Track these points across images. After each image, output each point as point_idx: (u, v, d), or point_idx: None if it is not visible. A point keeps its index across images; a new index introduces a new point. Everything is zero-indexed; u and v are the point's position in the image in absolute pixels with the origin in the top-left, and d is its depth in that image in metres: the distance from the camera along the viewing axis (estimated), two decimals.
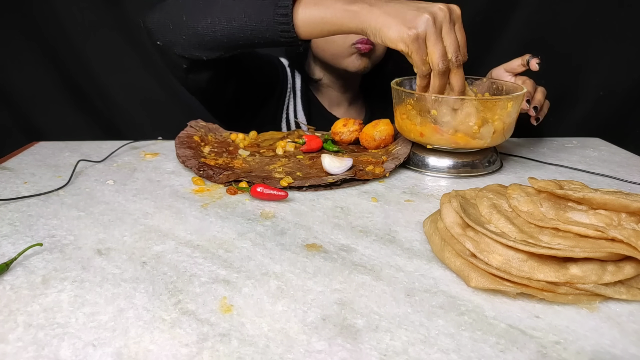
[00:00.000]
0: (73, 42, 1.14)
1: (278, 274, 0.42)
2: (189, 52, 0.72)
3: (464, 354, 0.32)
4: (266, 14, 0.65)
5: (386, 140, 0.74)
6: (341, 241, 0.48)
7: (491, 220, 0.43)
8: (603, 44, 1.15)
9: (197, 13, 0.69)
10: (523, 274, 0.38)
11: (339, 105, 1.01)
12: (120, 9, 1.12)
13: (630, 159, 0.75)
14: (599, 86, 1.18)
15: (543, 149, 0.79)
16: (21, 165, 0.68)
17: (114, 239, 0.47)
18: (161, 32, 0.73)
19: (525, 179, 0.60)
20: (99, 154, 0.73)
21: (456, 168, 0.66)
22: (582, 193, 0.42)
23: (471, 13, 1.13)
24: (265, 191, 0.56)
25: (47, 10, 1.11)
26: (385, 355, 0.32)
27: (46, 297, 0.38)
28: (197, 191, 0.60)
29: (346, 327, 0.35)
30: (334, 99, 1.00)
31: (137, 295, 0.38)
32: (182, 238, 0.48)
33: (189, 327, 0.35)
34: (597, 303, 0.38)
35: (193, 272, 0.42)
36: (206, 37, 0.69)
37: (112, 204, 0.56)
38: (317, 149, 0.74)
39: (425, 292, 0.39)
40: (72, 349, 0.32)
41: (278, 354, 0.32)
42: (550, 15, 1.12)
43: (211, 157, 0.70)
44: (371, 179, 0.64)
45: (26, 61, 1.14)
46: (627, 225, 0.39)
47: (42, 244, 0.46)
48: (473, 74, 0.77)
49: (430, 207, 0.56)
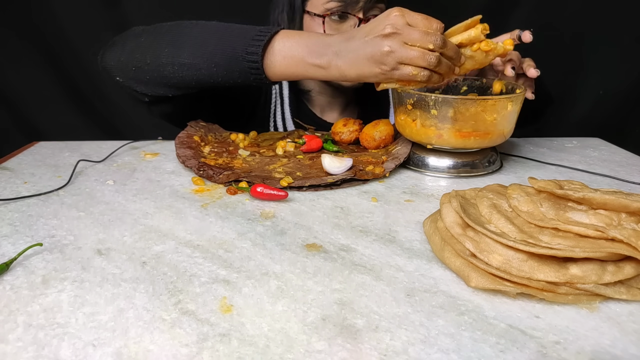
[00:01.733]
0: (72, 42, 1.14)
1: (278, 274, 0.42)
2: (153, 91, 0.69)
3: (464, 354, 0.32)
4: (236, 66, 0.63)
5: (386, 140, 0.74)
6: (341, 241, 0.48)
7: (491, 220, 0.43)
8: (603, 44, 1.15)
9: (163, 56, 0.66)
10: (523, 274, 0.38)
11: (331, 111, 0.97)
12: (120, 9, 1.12)
13: (630, 159, 0.75)
14: (599, 86, 1.18)
15: (543, 149, 0.79)
16: (21, 165, 0.68)
17: (114, 239, 0.47)
18: (122, 72, 0.69)
19: (525, 179, 0.60)
20: (99, 154, 0.73)
21: (456, 168, 0.66)
22: (582, 193, 0.42)
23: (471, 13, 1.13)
24: (265, 191, 0.56)
25: (46, 11, 1.11)
26: (385, 355, 0.32)
27: (46, 297, 0.38)
28: (197, 191, 0.60)
29: (346, 327, 0.35)
30: (326, 105, 0.97)
31: (137, 295, 0.38)
32: (182, 238, 0.48)
33: (189, 327, 0.35)
34: (597, 303, 0.38)
35: (193, 272, 0.42)
36: (173, 80, 0.67)
37: (112, 204, 0.56)
38: (317, 149, 0.74)
39: (425, 292, 0.39)
40: (72, 349, 0.32)
41: (278, 354, 0.32)
42: (550, 14, 1.12)
43: (211, 157, 0.70)
44: (371, 179, 0.64)
45: (25, 62, 1.15)
46: (627, 225, 0.39)
47: (42, 244, 0.46)
48: (472, 74, 0.77)
49: (430, 207, 0.56)
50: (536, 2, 1.11)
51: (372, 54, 0.57)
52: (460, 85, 0.75)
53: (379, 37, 0.57)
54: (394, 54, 0.56)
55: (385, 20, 0.57)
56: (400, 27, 0.56)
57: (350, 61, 0.59)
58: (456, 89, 0.76)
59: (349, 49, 0.59)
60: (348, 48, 0.59)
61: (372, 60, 0.58)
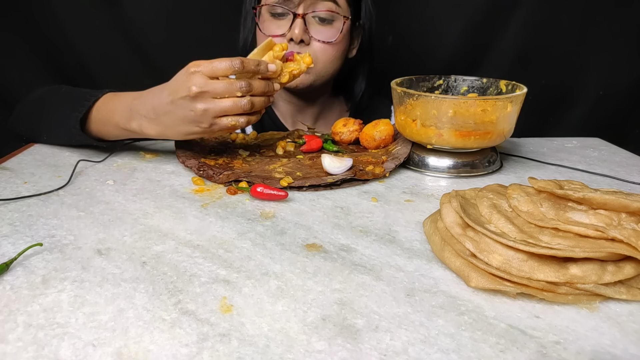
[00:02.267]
0: (72, 42, 1.14)
1: (278, 274, 0.42)
2: None
3: (464, 354, 0.32)
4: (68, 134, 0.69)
5: (386, 140, 0.74)
6: (341, 241, 0.48)
7: (491, 220, 0.43)
8: (603, 44, 1.15)
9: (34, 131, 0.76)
10: (523, 274, 0.38)
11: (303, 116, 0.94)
12: (120, 9, 1.12)
13: (630, 159, 0.75)
14: (599, 86, 1.19)
15: (543, 149, 0.79)
16: (21, 165, 0.68)
17: (114, 239, 0.47)
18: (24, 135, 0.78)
19: (525, 179, 0.60)
20: (99, 154, 0.73)
21: (456, 168, 0.66)
22: (582, 193, 0.42)
23: (471, 13, 1.13)
24: (265, 191, 0.56)
25: (46, 11, 1.11)
26: (385, 355, 0.32)
27: (46, 297, 0.38)
28: (197, 191, 0.60)
29: (346, 327, 0.35)
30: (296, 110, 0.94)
31: (137, 295, 0.38)
32: (182, 238, 0.48)
33: (189, 327, 0.35)
34: (597, 303, 0.38)
35: (193, 272, 0.42)
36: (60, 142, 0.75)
37: (112, 204, 0.56)
38: (317, 149, 0.74)
39: (425, 292, 0.39)
40: (72, 349, 0.32)
41: (278, 354, 0.32)
42: (550, 14, 1.12)
43: (211, 157, 0.70)
44: (371, 179, 0.64)
45: (25, 61, 1.14)
46: (627, 225, 0.39)
47: (42, 244, 0.46)
48: (472, 74, 0.77)
49: (430, 207, 0.56)
50: (536, 2, 1.11)
51: (185, 116, 0.58)
52: (460, 85, 0.76)
53: (187, 99, 0.57)
54: (208, 112, 0.57)
55: (187, 81, 0.57)
56: (205, 84, 0.56)
57: (167, 124, 0.60)
58: (456, 89, 0.76)
59: (160, 111, 0.60)
60: (158, 111, 0.60)
61: (187, 121, 0.59)
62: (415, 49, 1.18)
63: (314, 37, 0.80)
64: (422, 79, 0.76)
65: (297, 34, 0.78)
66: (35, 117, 0.75)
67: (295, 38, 0.78)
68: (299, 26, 0.78)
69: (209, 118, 0.58)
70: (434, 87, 0.76)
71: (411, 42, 1.17)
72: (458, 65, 1.17)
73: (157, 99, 0.60)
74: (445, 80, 0.76)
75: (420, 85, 0.76)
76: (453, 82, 0.76)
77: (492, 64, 1.18)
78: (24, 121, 0.77)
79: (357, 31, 0.89)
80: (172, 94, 0.58)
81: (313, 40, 0.80)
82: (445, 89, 0.76)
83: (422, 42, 1.17)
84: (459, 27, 1.14)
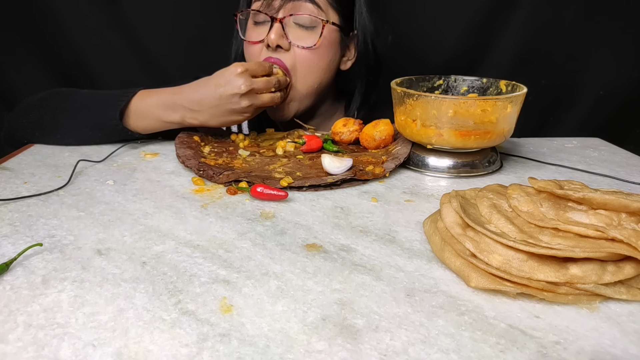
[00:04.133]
0: (72, 42, 1.14)
1: (278, 274, 0.42)
2: None
3: (464, 354, 0.32)
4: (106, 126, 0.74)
5: (386, 140, 0.74)
6: (341, 241, 0.48)
7: (491, 220, 0.43)
8: (603, 44, 1.15)
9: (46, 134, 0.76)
10: (523, 274, 0.38)
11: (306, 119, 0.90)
12: (119, 8, 1.12)
13: (630, 159, 0.75)
14: (599, 86, 1.18)
15: (543, 149, 0.79)
16: (21, 165, 0.68)
17: (114, 239, 0.47)
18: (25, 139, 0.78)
19: (525, 179, 0.60)
20: (99, 154, 0.73)
21: (456, 168, 0.66)
22: (582, 193, 0.42)
23: (471, 12, 1.13)
24: (265, 191, 0.56)
25: (46, 10, 1.11)
26: (385, 355, 0.32)
27: (46, 297, 0.38)
28: (197, 191, 0.60)
29: (346, 327, 0.35)
30: None
31: (137, 295, 0.38)
32: (182, 238, 0.48)
33: (189, 327, 0.35)
34: (597, 303, 0.38)
35: (193, 272, 0.42)
36: (64, 142, 0.77)
37: (112, 204, 0.56)
38: (317, 149, 0.74)
39: (425, 292, 0.39)
40: (72, 349, 0.32)
41: (278, 354, 0.32)
42: (550, 14, 1.12)
43: (211, 157, 0.70)
44: (371, 179, 0.64)
45: (25, 61, 1.15)
46: (627, 225, 0.39)
47: (42, 244, 0.46)
48: (472, 74, 0.77)
49: (430, 207, 0.56)
50: (536, 2, 1.11)
51: (232, 109, 0.69)
52: (460, 85, 0.76)
53: (237, 96, 0.68)
54: (252, 105, 0.70)
55: (236, 80, 0.67)
56: (251, 83, 0.68)
57: (213, 114, 0.70)
58: (456, 89, 0.76)
59: (206, 105, 0.69)
60: (204, 104, 0.69)
61: (234, 113, 0.70)
62: (415, 48, 1.18)
63: (292, 42, 0.76)
64: (422, 79, 0.76)
65: (272, 39, 0.74)
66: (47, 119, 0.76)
67: (271, 43, 0.75)
68: (275, 31, 0.74)
69: (252, 109, 0.71)
70: (434, 87, 0.76)
71: (411, 41, 1.17)
72: (458, 65, 1.17)
73: (203, 93, 0.69)
74: (445, 80, 0.76)
75: (420, 85, 0.76)
76: (453, 82, 0.76)
77: (492, 63, 1.18)
78: (25, 127, 0.77)
79: (352, 42, 0.85)
80: (220, 89, 0.68)
81: (293, 46, 0.76)
82: (445, 89, 0.76)
83: (422, 42, 1.17)
84: (459, 26, 1.14)
